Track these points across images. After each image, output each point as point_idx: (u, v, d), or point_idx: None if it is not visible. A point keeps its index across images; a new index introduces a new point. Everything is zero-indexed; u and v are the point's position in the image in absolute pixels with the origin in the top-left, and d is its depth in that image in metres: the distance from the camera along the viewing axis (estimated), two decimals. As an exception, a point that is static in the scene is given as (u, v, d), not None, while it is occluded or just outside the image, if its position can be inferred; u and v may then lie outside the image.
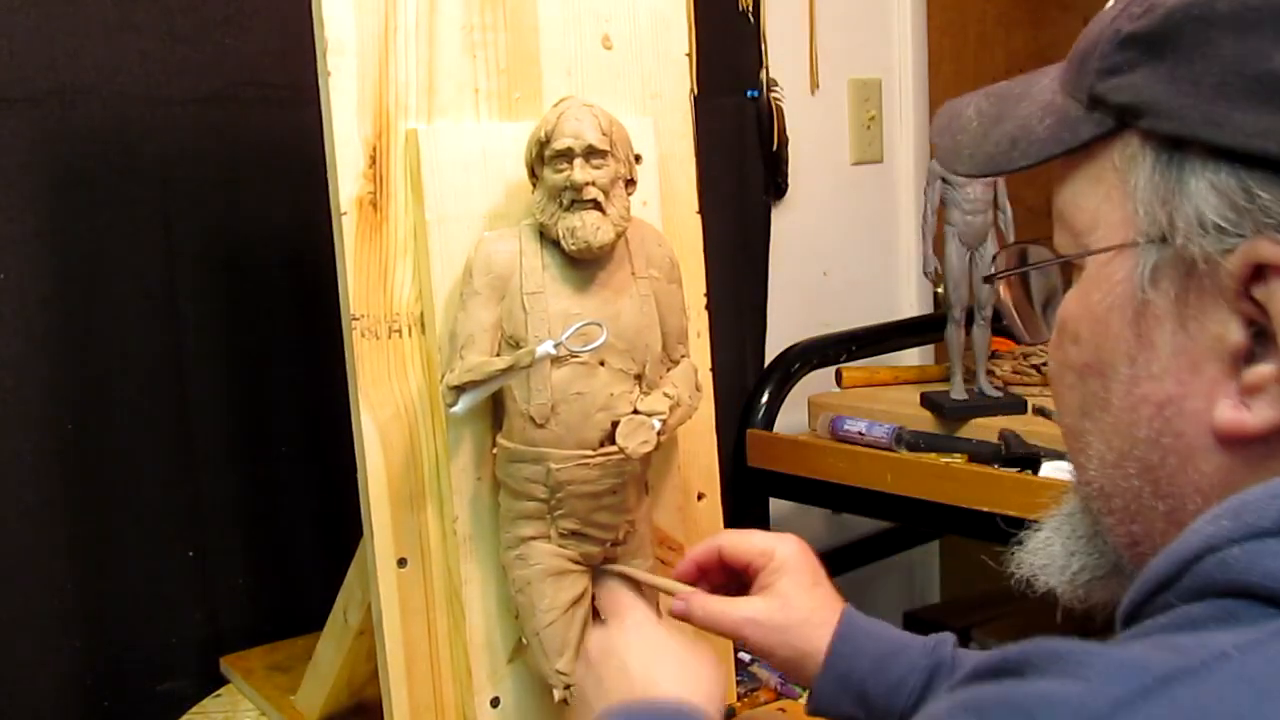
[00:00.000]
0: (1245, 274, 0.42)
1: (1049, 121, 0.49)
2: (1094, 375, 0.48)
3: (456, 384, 0.82)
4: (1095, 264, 0.47)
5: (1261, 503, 0.40)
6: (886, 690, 0.76)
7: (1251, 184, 0.41)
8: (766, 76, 1.71)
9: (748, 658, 1.13)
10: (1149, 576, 0.43)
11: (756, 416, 1.58)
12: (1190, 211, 0.43)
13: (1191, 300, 0.44)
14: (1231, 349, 0.43)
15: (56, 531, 1.13)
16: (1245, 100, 0.41)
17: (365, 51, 0.85)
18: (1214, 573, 0.40)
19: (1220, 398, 0.43)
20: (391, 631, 0.87)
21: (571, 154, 0.81)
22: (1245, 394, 0.43)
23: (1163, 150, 0.44)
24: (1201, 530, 0.41)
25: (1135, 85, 0.45)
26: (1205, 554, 0.40)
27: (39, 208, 1.11)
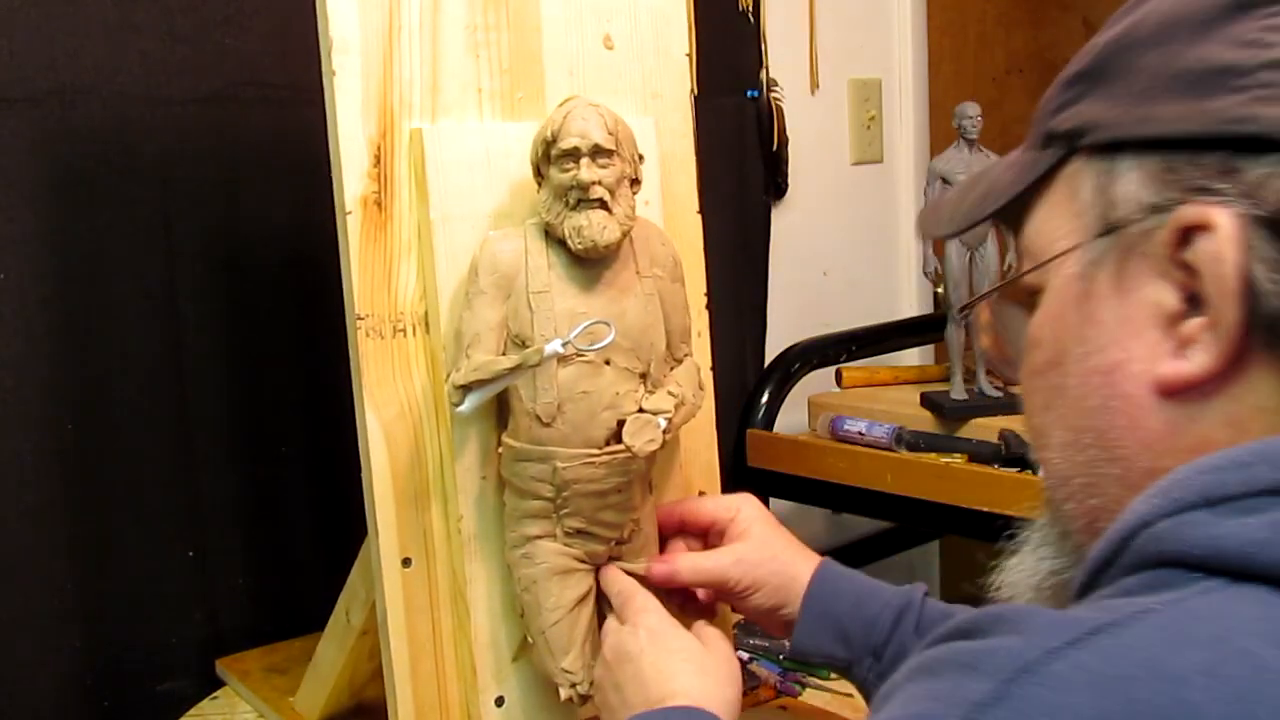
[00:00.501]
0: (1174, 240, 0.46)
1: (1013, 172, 0.55)
2: (1053, 369, 0.53)
3: (463, 383, 0.82)
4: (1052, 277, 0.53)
5: (1188, 479, 0.44)
6: (862, 626, 0.83)
7: (1176, 162, 0.47)
8: (766, 76, 1.71)
9: (747, 656, 1.13)
10: (1094, 556, 0.46)
11: (756, 416, 1.58)
12: (1126, 199, 0.48)
13: (1129, 274, 0.49)
14: (1168, 313, 0.47)
15: (56, 531, 1.13)
16: (1166, 96, 0.47)
17: (370, 50, 0.85)
18: (1147, 546, 0.44)
19: (1160, 356, 0.48)
20: (396, 631, 0.87)
21: (578, 153, 0.81)
22: (1181, 346, 0.47)
23: (1102, 158, 0.50)
24: (1136, 509, 0.45)
25: (1079, 112, 0.51)
26: (1140, 530, 0.44)
27: (39, 208, 1.11)
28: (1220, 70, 0.46)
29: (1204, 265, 0.46)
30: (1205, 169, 0.46)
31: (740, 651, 1.13)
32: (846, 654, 0.85)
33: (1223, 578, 0.41)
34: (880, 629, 0.83)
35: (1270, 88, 0.45)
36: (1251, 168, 0.45)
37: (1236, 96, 0.45)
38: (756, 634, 1.18)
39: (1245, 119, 0.45)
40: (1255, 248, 0.45)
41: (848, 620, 0.84)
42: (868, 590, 0.86)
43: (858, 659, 0.84)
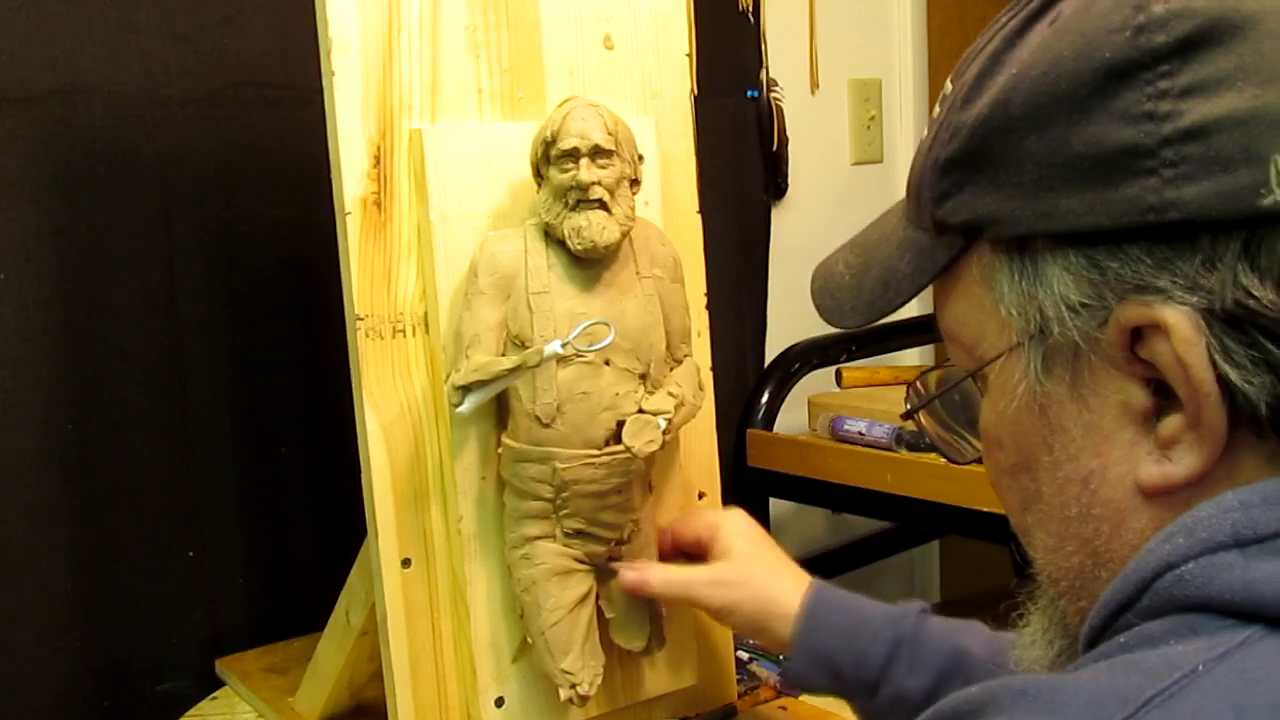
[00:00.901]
0: (1125, 340, 0.43)
1: (908, 257, 0.52)
2: (1023, 472, 0.50)
3: (463, 384, 0.82)
4: (994, 373, 0.49)
5: (1214, 519, 0.41)
6: (853, 662, 0.80)
7: (1098, 257, 0.43)
8: (766, 76, 1.71)
9: (747, 656, 1.13)
10: (1108, 599, 0.43)
11: (756, 416, 1.58)
12: (1055, 300, 0.44)
13: (1085, 379, 0.45)
14: (1138, 411, 0.44)
15: (56, 531, 1.13)
16: (1064, 186, 0.43)
17: (369, 51, 0.85)
18: (1171, 589, 0.41)
19: (1140, 458, 0.44)
20: (396, 631, 0.87)
21: (577, 154, 0.81)
22: (1163, 448, 0.44)
23: (1013, 253, 0.46)
24: (1157, 550, 0.42)
25: (968, 204, 0.47)
26: (1163, 572, 0.41)
27: (39, 208, 1.11)
28: (1119, 153, 0.41)
29: (1168, 368, 0.42)
30: (1134, 263, 0.42)
31: (740, 651, 1.13)
32: (840, 689, 0.82)
33: (1259, 625, 0.39)
34: (872, 666, 0.79)
35: (1179, 165, 0.40)
36: (1186, 257, 0.41)
37: (1147, 181, 0.41)
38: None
39: (1165, 206, 0.41)
40: (1219, 346, 0.41)
41: (839, 655, 0.80)
42: (858, 621, 0.82)
43: (852, 694, 0.82)
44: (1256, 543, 0.40)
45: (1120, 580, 0.43)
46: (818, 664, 0.81)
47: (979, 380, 0.51)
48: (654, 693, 0.97)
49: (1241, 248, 0.40)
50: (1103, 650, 0.42)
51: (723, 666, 1.04)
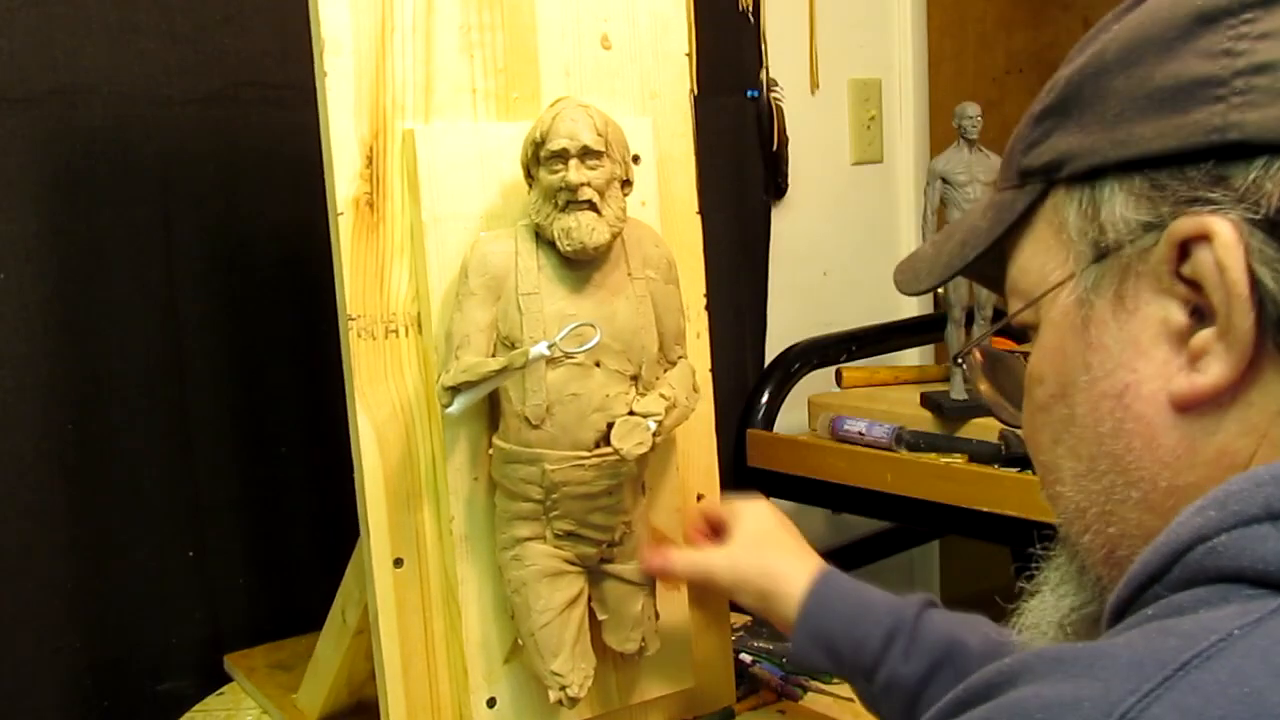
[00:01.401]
0: (1173, 255, 0.46)
1: (989, 215, 0.55)
2: (1059, 402, 0.52)
3: (452, 384, 0.82)
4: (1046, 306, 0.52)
5: (1246, 491, 0.42)
6: (852, 646, 0.83)
7: (1160, 178, 0.46)
8: (766, 76, 1.71)
9: (749, 659, 1.13)
10: (1137, 571, 0.44)
11: (756, 416, 1.58)
12: (1115, 220, 0.48)
13: (1129, 294, 0.48)
14: (1175, 329, 0.47)
15: (56, 531, 1.14)
16: (1141, 116, 0.47)
17: (362, 51, 0.85)
18: (1203, 561, 0.41)
19: (1173, 374, 0.47)
20: (388, 631, 0.87)
21: (566, 155, 0.81)
22: (1193, 360, 0.46)
23: (1083, 186, 0.49)
24: (1188, 523, 0.43)
25: (1052, 146, 0.51)
26: (1195, 544, 0.42)
27: (39, 208, 1.11)
28: (1195, 83, 0.46)
29: (1207, 275, 0.45)
30: (1193, 181, 0.45)
31: (743, 654, 1.13)
32: (839, 670, 0.85)
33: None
34: (869, 651, 0.82)
35: (1248, 94, 0.45)
36: (1241, 173, 0.44)
37: (1215, 106, 0.45)
38: (761, 636, 1.18)
39: (1228, 127, 0.45)
40: (1257, 250, 0.44)
41: (839, 638, 0.83)
42: (861, 607, 0.85)
43: (851, 676, 0.85)
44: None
45: (1150, 552, 0.44)
46: (818, 643, 0.84)
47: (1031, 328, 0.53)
48: (649, 695, 0.97)
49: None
50: (1131, 622, 0.43)
51: (721, 669, 1.04)
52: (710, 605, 1.02)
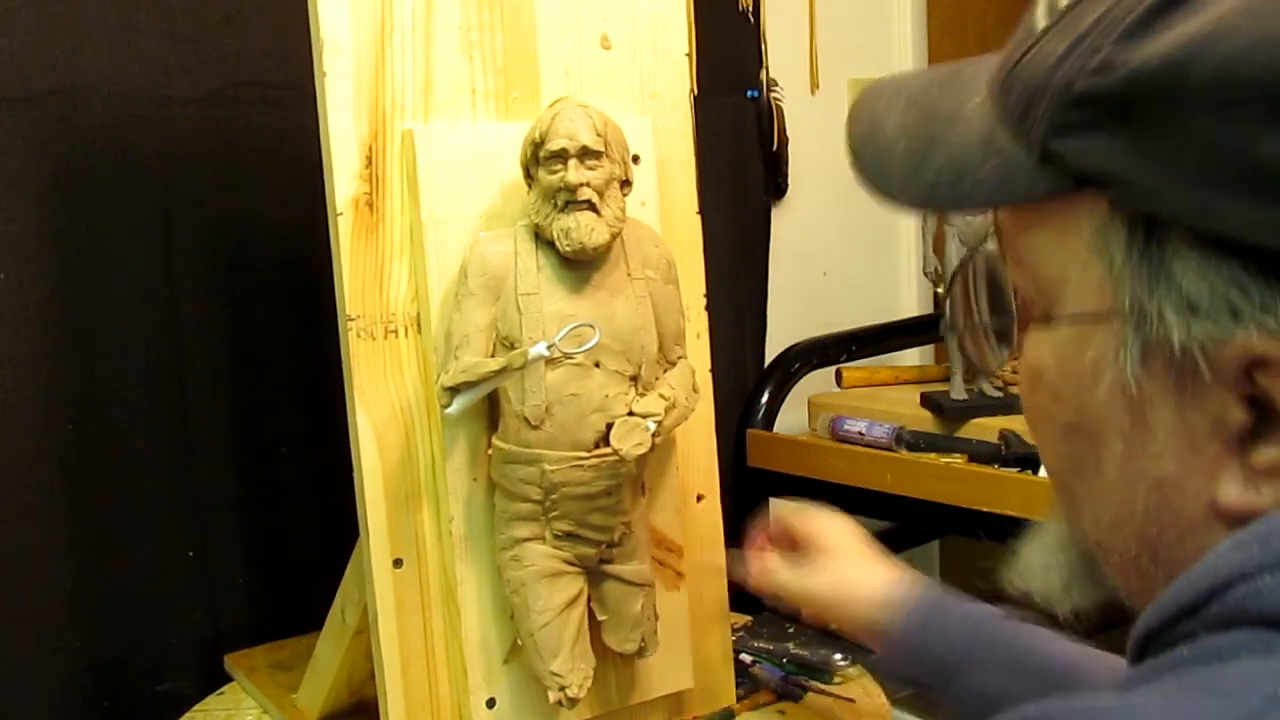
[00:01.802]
0: (1243, 363, 0.40)
1: (994, 163, 0.45)
2: (1081, 439, 0.46)
3: (451, 385, 0.82)
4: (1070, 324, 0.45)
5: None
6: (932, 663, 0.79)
7: (1244, 277, 0.39)
8: (766, 76, 1.71)
9: (749, 659, 1.13)
10: (1169, 601, 0.40)
11: (756, 416, 1.58)
12: (1178, 299, 0.40)
13: (1187, 385, 0.41)
14: (1234, 429, 0.41)
15: (56, 531, 1.14)
16: (1233, 188, 0.38)
17: (361, 52, 0.85)
18: (1245, 602, 0.38)
19: (1223, 476, 0.41)
20: (387, 631, 0.87)
21: (566, 155, 0.81)
22: (1255, 475, 0.41)
23: (1139, 226, 0.41)
24: (1228, 556, 0.39)
25: (1098, 151, 0.41)
26: (1236, 581, 0.38)
27: (39, 208, 1.12)
28: None
29: None
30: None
31: (743, 655, 1.13)
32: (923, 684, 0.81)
33: None
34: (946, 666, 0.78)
35: None
36: None
37: None
38: (761, 637, 1.18)
39: None
40: None
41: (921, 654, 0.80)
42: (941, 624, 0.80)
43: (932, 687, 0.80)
44: None
45: (1184, 584, 0.40)
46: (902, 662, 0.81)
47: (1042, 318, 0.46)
48: (649, 695, 0.97)
49: None
50: (1166, 662, 0.39)
51: (721, 670, 1.04)
52: (710, 605, 1.02)
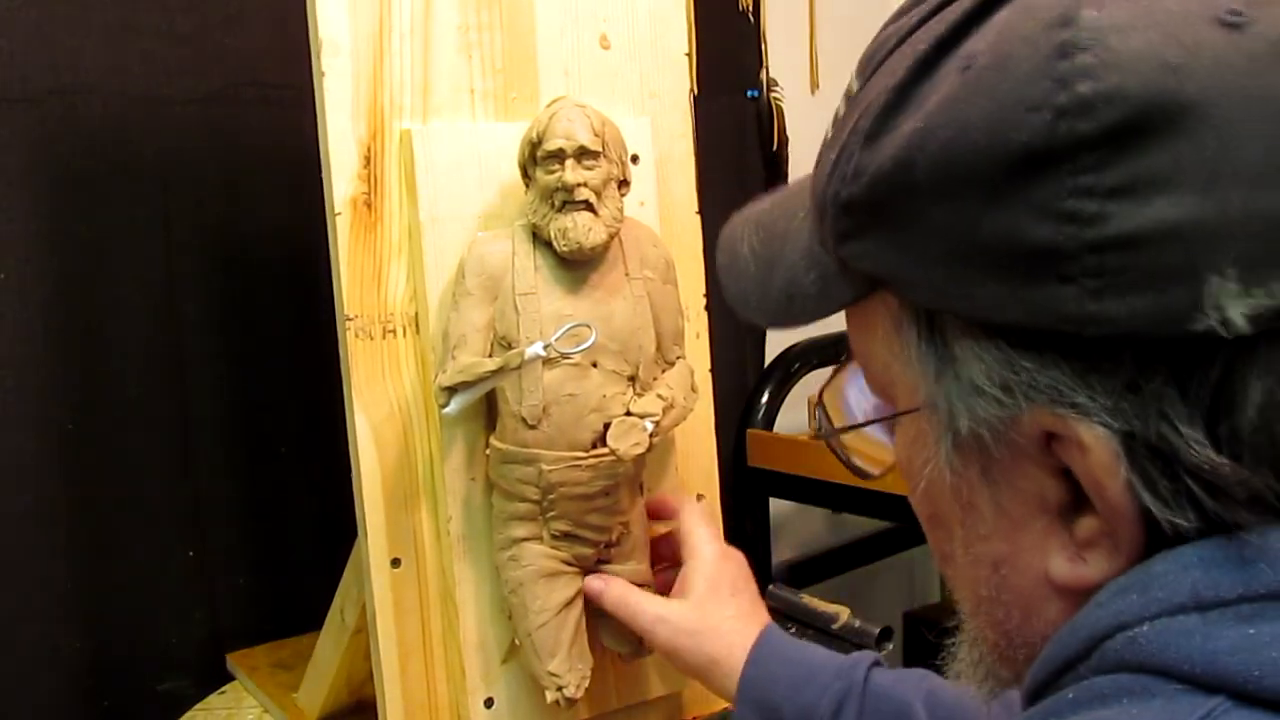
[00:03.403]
0: (1039, 439, 0.40)
1: (813, 276, 0.48)
2: (938, 527, 0.47)
3: (448, 385, 0.82)
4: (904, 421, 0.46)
5: (1171, 575, 0.38)
6: (798, 715, 0.75)
7: (1013, 355, 0.39)
8: (766, 76, 1.70)
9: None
10: (1055, 653, 0.41)
11: (756, 416, 1.58)
12: (964, 386, 0.41)
13: (996, 468, 0.42)
14: (1054, 503, 0.41)
15: (56, 531, 1.14)
16: (975, 272, 0.39)
17: (359, 52, 0.85)
18: (1123, 652, 0.38)
19: (1052, 549, 0.42)
20: (385, 631, 0.87)
21: (563, 155, 0.81)
22: (1079, 547, 0.41)
23: (921, 319, 0.43)
24: (1108, 605, 0.39)
25: (870, 254, 0.43)
26: (1115, 631, 0.39)
27: (39, 208, 1.11)
28: (1036, 252, 0.37)
29: (1084, 481, 0.39)
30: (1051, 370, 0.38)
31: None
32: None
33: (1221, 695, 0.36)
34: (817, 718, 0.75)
35: (1103, 276, 0.36)
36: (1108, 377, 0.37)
37: (1066, 289, 0.36)
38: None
39: (1086, 319, 0.37)
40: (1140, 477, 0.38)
41: (785, 707, 0.76)
42: (806, 673, 0.77)
43: None
44: (1218, 606, 0.37)
45: (1067, 633, 0.41)
46: (762, 714, 0.77)
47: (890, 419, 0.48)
48: (648, 696, 0.97)
49: (1170, 374, 0.37)
50: (1050, 707, 0.40)
51: (719, 668, 1.04)
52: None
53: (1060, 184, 0.36)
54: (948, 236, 0.39)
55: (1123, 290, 0.36)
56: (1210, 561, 0.38)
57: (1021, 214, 0.37)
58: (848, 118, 0.45)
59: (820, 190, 0.46)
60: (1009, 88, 0.37)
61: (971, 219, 0.38)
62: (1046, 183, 0.37)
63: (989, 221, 0.38)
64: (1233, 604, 0.37)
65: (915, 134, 0.40)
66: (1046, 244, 0.37)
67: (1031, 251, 0.37)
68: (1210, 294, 0.35)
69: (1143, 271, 0.36)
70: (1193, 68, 0.35)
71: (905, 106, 0.41)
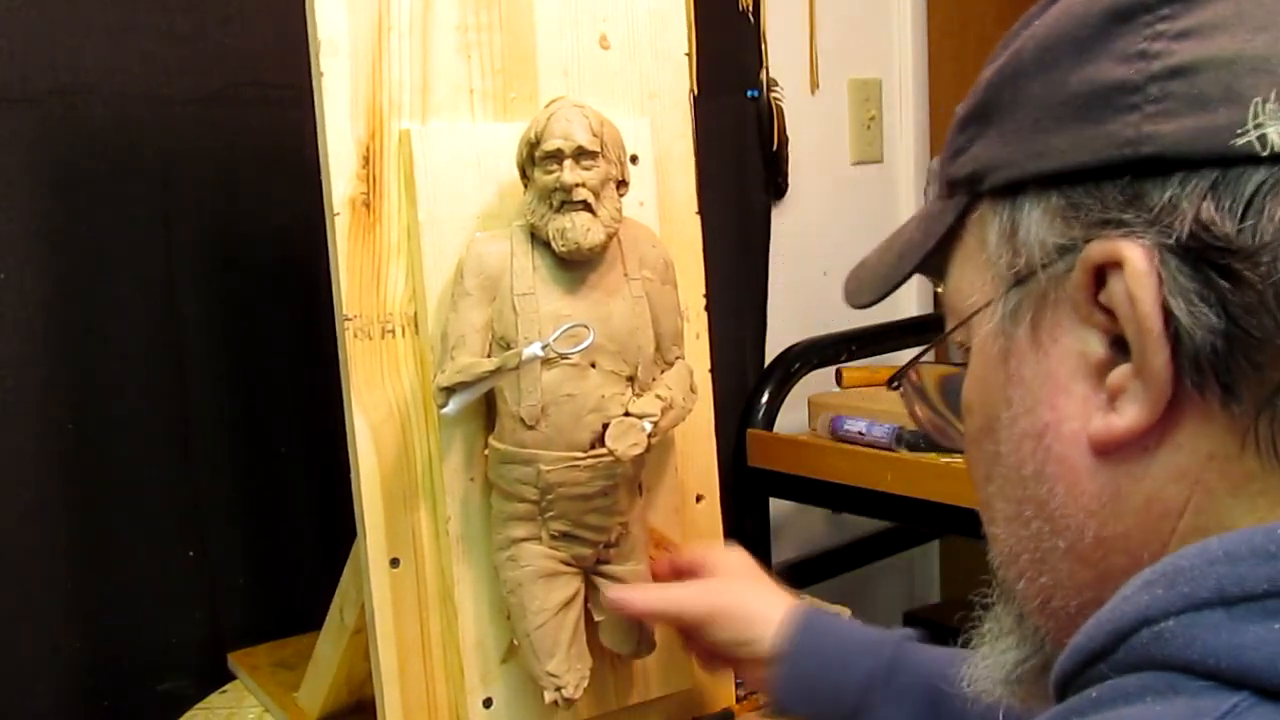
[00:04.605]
0: (1089, 282, 0.42)
1: (922, 226, 0.52)
2: (986, 437, 0.48)
3: (446, 385, 0.82)
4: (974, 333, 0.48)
5: (1197, 569, 0.39)
6: (832, 690, 0.79)
7: (1076, 196, 0.43)
8: (766, 76, 1.71)
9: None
10: (1081, 644, 0.41)
11: (756, 416, 1.58)
12: (1032, 243, 0.44)
13: (1047, 323, 0.44)
14: (1094, 363, 0.43)
15: (56, 531, 1.14)
16: (1057, 126, 0.43)
17: (358, 52, 0.85)
18: (1149, 647, 0.39)
19: (1091, 412, 0.43)
20: (384, 631, 0.87)
21: (561, 155, 0.81)
22: (1111, 399, 0.43)
23: (1003, 201, 0.46)
24: (1134, 599, 0.40)
25: (975, 155, 0.47)
26: (1140, 626, 0.39)
27: (39, 208, 1.11)
28: (1108, 90, 0.42)
29: (1120, 306, 0.41)
30: (1108, 200, 0.42)
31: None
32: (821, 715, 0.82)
33: (1245, 691, 0.36)
34: (850, 694, 0.78)
35: (1162, 102, 0.40)
36: (1156, 192, 0.40)
37: (1129, 116, 0.41)
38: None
39: (1142, 140, 0.40)
40: (1171, 280, 0.40)
41: (818, 681, 0.80)
42: (839, 647, 0.81)
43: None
44: (1244, 601, 0.37)
45: (1094, 627, 0.41)
46: (798, 689, 0.80)
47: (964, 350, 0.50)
48: (647, 696, 0.97)
49: (1209, 185, 0.40)
50: (1074, 705, 0.40)
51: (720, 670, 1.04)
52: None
53: (1139, 31, 0.41)
54: (1040, 102, 0.44)
55: (1177, 112, 0.40)
56: (1236, 555, 0.38)
57: (1104, 61, 0.42)
58: None
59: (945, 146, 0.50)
60: None
61: (1062, 79, 0.43)
62: (1128, 33, 0.42)
63: (1076, 76, 0.43)
64: (1259, 599, 0.37)
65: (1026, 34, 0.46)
66: (1119, 81, 0.41)
67: (1106, 89, 0.42)
68: (1252, 114, 0.39)
69: (1196, 95, 0.40)
70: None
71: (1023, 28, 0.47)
